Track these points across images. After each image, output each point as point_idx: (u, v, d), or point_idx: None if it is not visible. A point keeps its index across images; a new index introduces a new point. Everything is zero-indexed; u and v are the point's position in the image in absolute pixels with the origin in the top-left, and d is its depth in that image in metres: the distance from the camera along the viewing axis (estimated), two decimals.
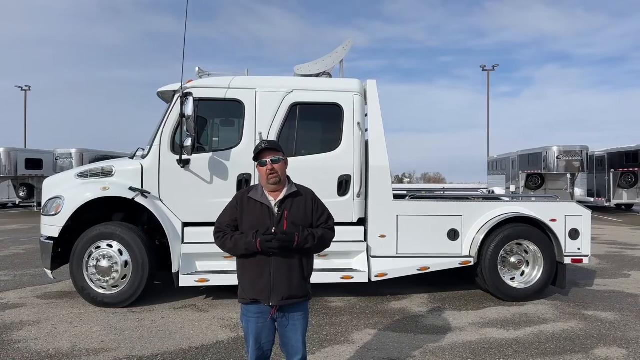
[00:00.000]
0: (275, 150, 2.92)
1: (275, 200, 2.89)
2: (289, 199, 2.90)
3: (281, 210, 2.86)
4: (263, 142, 3.00)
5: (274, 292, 2.82)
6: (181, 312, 5.86)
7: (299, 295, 2.90)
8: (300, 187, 2.99)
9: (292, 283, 2.85)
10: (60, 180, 6.48)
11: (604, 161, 22.20)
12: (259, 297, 2.85)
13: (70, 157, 22.53)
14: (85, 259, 5.92)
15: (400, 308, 6.12)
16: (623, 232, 14.66)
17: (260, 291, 2.84)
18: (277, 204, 2.88)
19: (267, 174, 2.87)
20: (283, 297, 2.84)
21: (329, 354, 4.57)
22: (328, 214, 3.02)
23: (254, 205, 2.88)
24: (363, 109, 6.43)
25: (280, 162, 2.89)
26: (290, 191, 2.93)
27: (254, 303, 2.88)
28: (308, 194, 2.99)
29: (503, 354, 4.59)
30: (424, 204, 6.58)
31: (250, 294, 2.88)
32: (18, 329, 5.23)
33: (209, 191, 5.99)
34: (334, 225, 3.03)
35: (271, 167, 2.86)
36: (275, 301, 2.84)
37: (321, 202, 3.03)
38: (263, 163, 2.88)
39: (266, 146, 2.93)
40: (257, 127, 6.12)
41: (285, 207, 2.87)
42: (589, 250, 6.62)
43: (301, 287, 2.91)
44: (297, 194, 2.94)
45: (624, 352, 4.62)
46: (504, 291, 6.38)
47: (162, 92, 6.66)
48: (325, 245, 2.97)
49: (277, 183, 2.89)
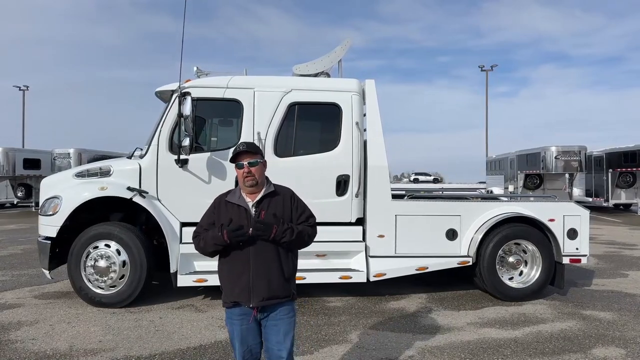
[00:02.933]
0: (252, 153, 2.88)
1: (252, 201, 2.86)
2: (266, 199, 2.87)
3: (258, 210, 2.83)
4: (241, 144, 2.96)
5: (254, 293, 2.78)
6: (179, 312, 5.85)
7: (281, 296, 2.83)
8: (278, 187, 2.96)
9: (272, 283, 2.80)
10: (58, 180, 6.46)
11: (602, 161, 22.22)
12: (240, 299, 2.81)
13: (68, 157, 22.48)
14: (83, 259, 5.91)
15: (398, 308, 6.12)
16: (621, 232, 14.68)
17: (240, 293, 2.80)
18: (254, 204, 2.85)
19: (244, 176, 2.84)
20: (263, 298, 2.79)
21: (327, 353, 4.56)
22: (309, 213, 2.96)
23: (231, 207, 2.85)
24: (361, 109, 6.42)
25: (258, 165, 2.86)
26: (268, 191, 2.89)
27: (236, 306, 2.84)
28: (286, 193, 2.95)
29: (501, 353, 4.59)
30: (423, 203, 6.58)
31: (231, 297, 2.85)
32: (16, 329, 5.22)
33: (207, 191, 5.96)
34: (315, 224, 2.98)
35: (248, 169, 2.83)
36: (255, 302, 2.79)
37: (301, 201, 2.98)
38: (240, 165, 2.86)
39: (244, 149, 2.89)
40: (256, 126, 6.11)
41: (262, 207, 2.84)
42: (587, 250, 6.63)
43: (282, 287, 2.84)
44: (274, 193, 2.91)
45: (622, 352, 4.63)
46: (502, 291, 6.39)
47: (160, 91, 6.64)
48: (305, 242, 2.91)
49: (254, 186, 2.86)
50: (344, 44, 6.87)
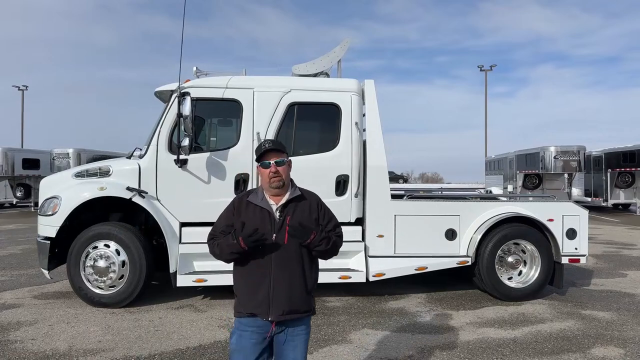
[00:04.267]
0: (279, 152, 2.67)
1: (276, 204, 2.63)
2: (291, 204, 2.65)
3: (283, 216, 2.61)
4: (267, 141, 2.73)
5: (273, 306, 2.55)
6: (179, 312, 5.85)
7: (301, 310, 2.61)
8: (304, 191, 2.74)
9: (294, 296, 2.58)
10: (58, 180, 6.46)
11: (601, 161, 22.26)
12: (257, 310, 2.57)
13: (67, 157, 22.42)
14: (82, 259, 5.91)
15: (397, 308, 6.12)
16: (620, 232, 14.70)
17: (259, 304, 2.56)
18: (279, 208, 2.63)
19: (270, 177, 2.61)
20: (283, 312, 2.56)
21: (326, 353, 4.57)
22: (336, 221, 2.76)
23: (253, 209, 2.63)
24: (361, 109, 6.43)
25: (285, 165, 2.65)
26: (294, 195, 2.66)
27: (250, 317, 2.59)
28: (313, 199, 2.73)
29: (500, 353, 4.60)
30: (422, 203, 6.59)
31: (248, 308, 2.59)
32: (15, 329, 5.21)
33: (207, 191, 5.99)
34: (342, 234, 2.76)
35: (275, 169, 2.61)
36: (274, 316, 2.55)
37: (328, 208, 2.78)
38: (266, 165, 2.62)
39: (270, 147, 2.66)
40: (255, 127, 6.11)
41: (287, 212, 2.62)
42: (586, 249, 6.64)
43: (304, 301, 2.63)
44: (300, 197, 2.68)
45: (621, 352, 4.63)
46: (501, 291, 6.39)
47: (159, 92, 6.65)
48: (334, 253, 2.71)
49: (280, 187, 2.63)
50: (343, 44, 6.87)
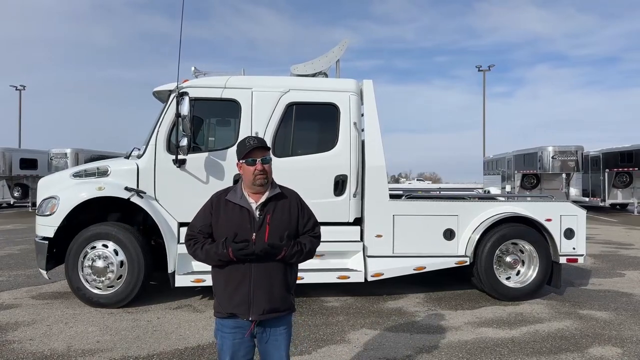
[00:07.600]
0: (264, 149, 2.64)
1: (256, 202, 2.60)
2: (271, 202, 2.62)
3: (263, 214, 2.58)
4: (251, 138, 2.69)
5: (254, 306, 2.54)
6: (177, 313, 5.84)
7: (281, 309, 2.62)
8: (284, 189, 2.72)
9: (274, 295, 2.57)
10: (56, 180, 6.45)
11: (599, 161, 22.31)
12: (237, 310, 2.56)
13: (65, 157, 22.39)
14: (80, 259, 5.90)
15: (396, 308, 6.13)
16: (618, 232, 14.74)
17: (238, 304, 2.55)
18: (259, 207, 2.60)
19: (255, 174, 2.58)
20: (264, 311, 2.56)
21: (325, 353, 4.57)
22: (315, 221, 2.75)
23: (232, 208, 2.60)
24: (359, 109, 6.43)
25: (269, 162, 2.64)
26: (273, 193, 2.64)
27: (230, 317, 2.59)
28: (293, 197, 2.71)
29: (499, 353, 4.61)
30: (420, 203, 6.60)
31: (227, 308, 2.58)
32: (13, 329, 5.20)
33: (205, 191, 5.86)
34: (320, 234, 2.77)
35: (261, 167, 2.58)
36: (255, 315, 2.55)
37: (307, 207, 2.77)
38: (251, 162, 2.58)
39: (256, 144, 2.62)
40: (253, 127, 6.11)
41: (267, 210, 2.59)
42: (584, 249, 6.65)
43: (284, 300, 2.63)
44: (280, 196, 2.66)
45: (618, 351, 4.65)
46: (499, 291, 6.40)
47: (158, 91, 6.64)
48: (311, 257, 2.71)
49: (264, 185, 2.62)
50: (341, 44, 6.87)
